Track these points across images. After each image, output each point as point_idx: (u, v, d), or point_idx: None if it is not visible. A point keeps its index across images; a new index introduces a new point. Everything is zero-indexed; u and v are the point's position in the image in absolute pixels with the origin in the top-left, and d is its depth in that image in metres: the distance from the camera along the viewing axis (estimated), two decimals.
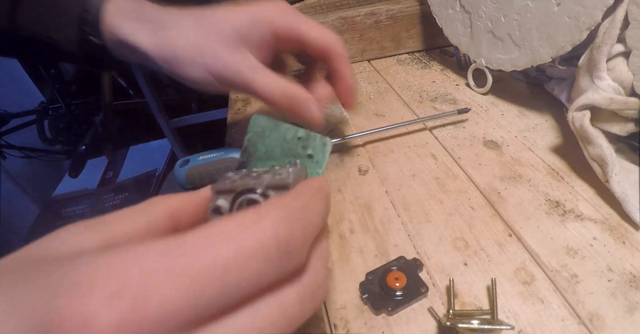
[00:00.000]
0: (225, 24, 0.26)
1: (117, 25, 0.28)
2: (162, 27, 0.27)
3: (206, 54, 0.26)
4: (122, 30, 0.27)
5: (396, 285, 0.25)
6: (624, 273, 0.24)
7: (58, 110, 1.48)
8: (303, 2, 0.55)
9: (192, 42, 0.26)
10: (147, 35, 0.27)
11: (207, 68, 0.27)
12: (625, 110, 0.28)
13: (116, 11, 0.28)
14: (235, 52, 0.26)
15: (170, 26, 0.27)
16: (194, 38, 0.26)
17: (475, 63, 0.44)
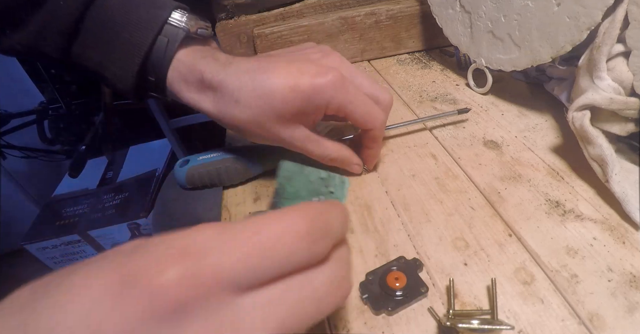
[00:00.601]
0: (281, 102, 0.27)
1: (179, 91, 0.30)
2: (222, 100, 0.28)
3: (264, 129, 0.29)
4: (184, 97, 0.30)
5: (396, 285, 0.25)
6: (624, 273, 0.24)
7: (58, 110, 1.47)
8: (303, 2, 0.55)
9: (252, 119, 0.28)
10: (209, 106, 0.29)
11: (266, 139, 0.30)
12: (625, 110, 0.28)
13: (178, 78, 0.30)
14: (290, 128, 0.29)
15: (229, 100, 0.28)
16: (253, 116, 0.28)
17: (475, 63, 0.44)
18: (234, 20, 0.54)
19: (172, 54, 0.29)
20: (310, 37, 0.53)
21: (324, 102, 0.28)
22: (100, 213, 1.25)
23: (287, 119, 0.28)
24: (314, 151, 0.31)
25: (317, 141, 0.31)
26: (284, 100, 0.27)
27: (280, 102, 0.27)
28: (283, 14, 0.55)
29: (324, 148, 0.31)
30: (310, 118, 0.29)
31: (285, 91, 0.27)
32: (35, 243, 1.24)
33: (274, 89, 0.27)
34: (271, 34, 0.52)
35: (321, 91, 0.27)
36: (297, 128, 0.29)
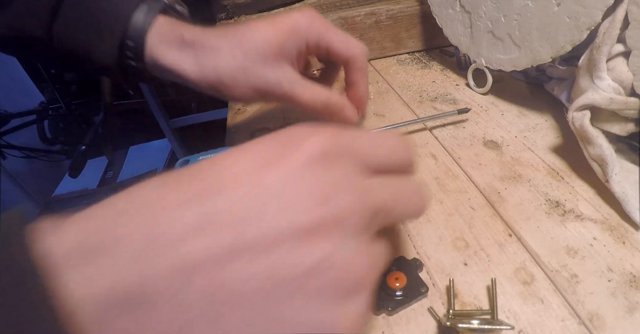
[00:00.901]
0: (263, 42, 0.27)
1: (159, 53, 0.29)
2: (203, 53, 0.28)
3: (249, 74, 0.28)
4: (165, 59, 0.29)
5: (396, 285, 0.25)
6: (624, 273, 0.24)
7: (58, 110, 1.48)
8: (303, 2, 0.55)
9: (234, 64, 0.28)
10: (190, 63, 0.28)
11: (252, 87, 0.28)
12: (625, 110, 0.28)
13: (158, 40, 0.29)
14: (276, 68, 0.28)
15: (211, 51, 0.28)
16: (234, 60, 0.28)
17: (475, 63, 0.44)
18: (234, 20, 0.54)
19: (152, 19, 0.29)
20: None
21: (303, 33, 0.28)
22: None
23: (272, 59, 0.28)
24: (303, 95, 0.29)
25: (306, 83, 0.29)
26: (265, 38, 0.27)
27: (262, 40, 0.27)
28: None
29: (313, 91, 0.29)
30: (294, 57, 0.29)
31: (266, 30, 0.28)
32: None
33: (253, 31, 0.28)
34: None
35: (298, 23, 0.28)
36: (283, 68, 0.29)
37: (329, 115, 0.31)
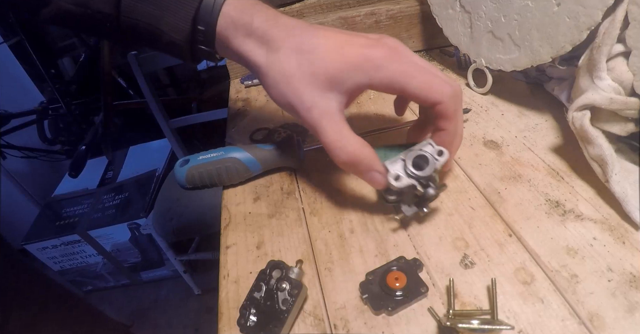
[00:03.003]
0: (321, 65, 0.26)
1: (228, 39, 0.29)
2: (267, 46, 0.27)
3: (290, 87, 0.26)
4: (232, 43, 0.28)
5: (396, 285, 0.25)
6: (624, 273, 0.24)
7: (58, 110, 1.48)
8: (303, 2, 0.55)
9: (285, 71, 0.27)
10: (255, 52, 0.28)
11: (286, 100, 0.27)
12: (625, 110, 0.28)
13: (227, 24, 0.28)
14: (317, 96, 0.26)
15: (273, 48, 0.27)
16: (287, 67, 0.27)
17: (475, 63, 0.44)
18: None
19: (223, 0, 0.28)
20: None
21: (372, 72, 0.25)
22: (100, 213, 1.25)
23: (320, 82, 0.26)
24: (327, 136, 0.26)
25: (338, 125, 0.26)
26: (325, 60, 0.25)
27: (322, 57, 0.26)
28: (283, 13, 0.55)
29: (342, 137, 0.26)
30: (345, 92, 0.26)
31: (332, 52, 0.26)
32: (36, 243, 1.24)
33: (316, 44, 0.26)
34: None
35: (370, 59, 0.25)
36: (324, 97, 0.26)
37: (353, 171, 0.28)
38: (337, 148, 0.26)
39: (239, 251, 0.31)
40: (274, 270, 0.26)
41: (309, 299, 0.26)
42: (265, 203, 0.35)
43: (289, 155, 0.36)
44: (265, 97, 0.52)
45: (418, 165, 0.26)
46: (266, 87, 0.29)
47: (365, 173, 0.27)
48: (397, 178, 0.26)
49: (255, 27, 0.28)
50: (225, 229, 0.33)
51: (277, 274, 0.26)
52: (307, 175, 0.37)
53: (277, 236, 0.31)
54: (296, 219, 0.32)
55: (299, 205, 0.34)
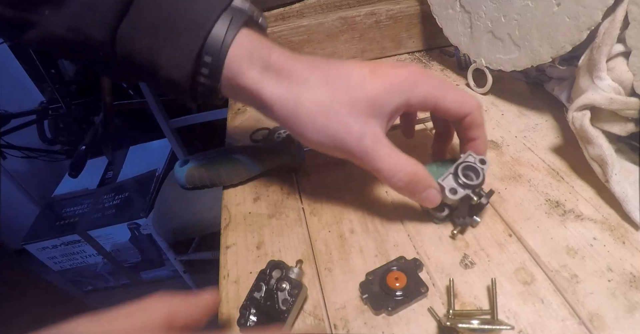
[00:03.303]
0: (359, 92, 0.24)
1: (240, 72, 0.25)
2: (289, 81, 0.25)
3: (332, 118, 0.25)
4: (245, 78, 0.25)
5: (396, 285, 0.25)
6: (624, 273, 0.24)
7: (58, 110, 1.48)
8: (303, 2, 0.55)
9: (320, 102, 0.25)
10: (273, 87, 0.25)
11: (329, 133, 0.25)
12: (625, 110, 0.28)
13: (241, 56, 0.25)
14: (363, 123, 0.25)
15: (297, 81, 0.25)
16: (321, 98, 0.25)
17: (475, 63, 0.44)
18: None
19: (236, 32, 0.25)
20: (310, 37, 0.53)
21: (408, 90, 0.25)
22: (100, 213, 1.25)
23: (363, 111, 0.25)
24: (384, 161, 0.25)
25: (390, 149, 0.26)
26: (361, 84, 0.24)
27: (357, 85, 0.24)
28: (283, 14, 0.55)
29: (399, 159, 0.26)
30: (389, 115, 0.26)
31: (365, 76, 0.25)
32: (35, 243, 1.24)
33: (350, 71, 0.25)
34: (271, 34, 0.52)
35: (404, 78, 0.25)
36: (370, 124, 0.25)
37: (410, 192, 0.27)
38: (397, 172, 0.26)
39: (239, 251, 0.31)
40: (274, 270, 0.26)
41: (309, 299, 0.26)
42: (265, 203, 0.35)
43: (289, 155, 0.36)
44: None
45: (467, 176, 0.27)
46: (296, 124, 0.26)
47: (422, 192, 0.26)
48: (453, 192, 0.27)
49: (273, 60, 0.25)
50: (225, 229, 0.33)
51: (277, 274, 0.26)
52: (307, 175, 0.37)
53: (277, 236, 0.31)
54: (296, 219, 0.32)
55: (299, 205, 0.34)
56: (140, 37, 0.25)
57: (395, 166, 0.26)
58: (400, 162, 0.26)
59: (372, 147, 0.25)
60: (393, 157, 0.26)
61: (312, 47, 0.54)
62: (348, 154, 0.26)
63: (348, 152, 0.26)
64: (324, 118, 0.25)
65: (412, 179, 0.26)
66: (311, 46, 0.54)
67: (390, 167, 0.26)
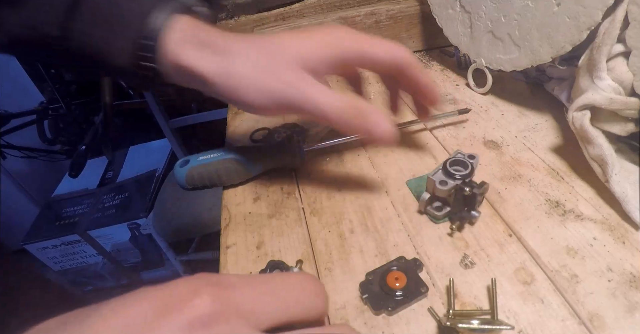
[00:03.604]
0: (290, 50, 0.26)
1: (177, 52, 0.27)
2: (223, 53, 0.27)
3: (266, 77, 0.26)
4: (183, 57, 0.27)
5: (396, 285, 0.25)
6: (624, 273, 0.24)
7: (58, 110, 1.47)
8: (303, 2, 0.55)
9: (252, 66, 0.26)
10: (209, 61, 0.27)
11: (264, 90, 0.26)
12: (625, 110, 0.28)
13: (177, 38, 0.27)
14: (297, 74, 0.26)
15: (232, 52, 0.27)
16: (254, 62, 0.26)
17: (475, 63, 0.44)
18: (234, 20, 0.54)
19: (169, 17, 0.27)
20: None
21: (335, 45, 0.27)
22: (100, 213, 1.25)
23: (295, 65, 0.26)
24: (320, 96, 0.26)
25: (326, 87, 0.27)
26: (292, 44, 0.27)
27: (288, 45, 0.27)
28: (283, 14, 0.55)
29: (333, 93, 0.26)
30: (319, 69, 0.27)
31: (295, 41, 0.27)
32: (35, 243, 1.24)
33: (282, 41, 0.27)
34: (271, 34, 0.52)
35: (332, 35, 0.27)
36: (304, 75, 0.27)
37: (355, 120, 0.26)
38: (335, 101, 0.26)
39: (239, 251, 0.31)
40: (274, 270, 0.26)
41: None
42: (265, 203, 0.35)
43: (289, 155, 0.36)
44: None
45: (456, 169, 0.29)
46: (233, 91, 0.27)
47: (368, 117, 0.26)
48: (443, 184, 0.28)
49: (209, 39, 0.27)
50: (225, 229, 0.33)
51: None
52: (307, 175, 0.37)
53: (277, 236, 0.31)
54: (296, 219, 0.32)
55: (299, 205, 0.34)
56: (90, 31, 0.28)
57: (333, 98, 0.26)
58: (337, 95, 0.26)
59: (307, 88, 0.26)
60: (330, 92, 0.26)
61: None
62: (288, 105, 0.27)
63: (287, 101, 0.27)
64: (258, 79, 0.26)
65: (352, 105, 0.26)
66: None
67: (328, 99, 0.26)
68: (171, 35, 0.27)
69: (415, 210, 0.31)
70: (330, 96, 0.26)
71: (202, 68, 0.27)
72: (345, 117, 0.26)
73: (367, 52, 0.28)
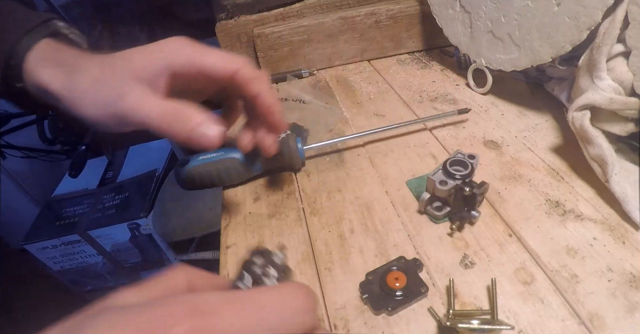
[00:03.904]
0: (128, 63, 0.27)
1: (35, 71, 0.29)
2: (71, 71, 0.28)
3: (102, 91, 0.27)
4: (39, 74, 0.29)
5: (396, 285, 0.25)
6: (624, 273, 0.24)
7: None
8: (303, 2, 0.55)
9: (91, 80, 0.27)
10: (58, 79, 0.28)
11: (100, 104, 0.27)
12: (625, 110, 0.28)
13: (37, 58, 0.29)
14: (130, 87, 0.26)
15: (79, 69, 0.28)
16: (95, 77, 0.27)
17: (475, 63, 0.44)
18: (234, 20, 0.54)
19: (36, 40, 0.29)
20: (310, 37, 0.53)
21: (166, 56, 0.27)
22: (100, 213, 1.25)
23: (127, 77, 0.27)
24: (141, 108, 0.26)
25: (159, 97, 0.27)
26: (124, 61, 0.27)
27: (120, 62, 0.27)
28: (283, 14, 0.55)
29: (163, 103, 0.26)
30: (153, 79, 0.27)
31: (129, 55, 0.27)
32: (35, 243, 1.24)
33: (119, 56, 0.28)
34: (271, 34, 0.52)
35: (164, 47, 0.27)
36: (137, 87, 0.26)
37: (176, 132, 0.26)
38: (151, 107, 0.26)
39: (239, 251, 0.31)
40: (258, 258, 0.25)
41: None
42: (265, 203, 0.35)
43: (289, 155, 0.36)
44: None
45: (456, 169, 0.29)
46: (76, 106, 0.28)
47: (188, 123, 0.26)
48: (443, 184, 0.28)
49: (65, 59, 0.28)
50: (225, 229, 0.33)
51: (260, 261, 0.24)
52: (307, 175, 0.37)
53: (277, 236, 0.31)
54: (296, 219, 0.32)
55: (299, 205, 0.34)
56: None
57: (152, 105, 0.26)
58: (158, 102, 0.26)
59: (134, 99, 0.26)
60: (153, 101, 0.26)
61: (312, 47, 0.54)
62: (120, 117, 0.27)
63: (118, 113, 0.27)
64: (96, 93, 0.27)
65: (171, 111, 0.26)
66: (311, 46, 0.54)
67: (148, 107, 0.26)
68: (33, 55, 0.29)
69: (415, 210, 0.31)
70: (151, 104, 0.26)
71: (52, 85, 0.28)
72: (164, 124, 0.26)
73: (201, 61, 0.27)
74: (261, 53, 0.53)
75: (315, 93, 0.50)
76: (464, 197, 0.28)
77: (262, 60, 0.54)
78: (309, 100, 0.48)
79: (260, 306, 0.14)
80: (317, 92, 0.50)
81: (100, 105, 0.27)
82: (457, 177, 0.28)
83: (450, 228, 0.28)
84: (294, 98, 0.49)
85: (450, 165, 0.29)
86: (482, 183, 0.28)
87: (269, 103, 0.29)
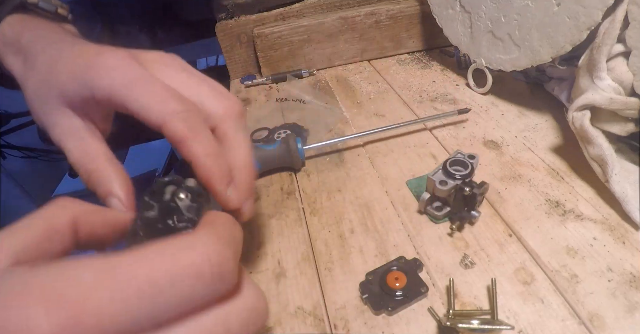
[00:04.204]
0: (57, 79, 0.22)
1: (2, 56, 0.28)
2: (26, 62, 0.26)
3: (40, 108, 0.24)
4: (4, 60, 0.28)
5: (396, 285, 0.25)
6: (624, 273, 0.24)
7: None
8: (303, 2, 0.55)
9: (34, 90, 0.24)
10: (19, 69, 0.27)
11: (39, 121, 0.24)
12: (625, 110, 0.28)
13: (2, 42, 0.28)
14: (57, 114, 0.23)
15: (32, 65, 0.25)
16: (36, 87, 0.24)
17: (475, 63, 0.44)
18: (234, 20, 0.54)
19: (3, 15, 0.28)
20: (310, 37, 0.53)
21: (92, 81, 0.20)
22: None
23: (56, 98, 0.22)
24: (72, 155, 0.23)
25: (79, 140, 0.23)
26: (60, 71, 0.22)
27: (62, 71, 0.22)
28: (283, 14, 0.55)
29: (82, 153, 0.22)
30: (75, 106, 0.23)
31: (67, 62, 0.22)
32: None
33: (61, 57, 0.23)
34: (271, 34, 0.52)
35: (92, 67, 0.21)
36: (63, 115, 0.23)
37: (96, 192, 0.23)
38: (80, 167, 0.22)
39: None
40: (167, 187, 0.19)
41: (309, 299, 0.26)
42: (265, 203, 0.35)
43: (289, 155, 0.36)
44: (266, 97, 0.52)
45: (456, 169, 0.29)
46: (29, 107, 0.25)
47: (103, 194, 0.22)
48: (443, 183, 0.28)
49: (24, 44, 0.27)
50: None
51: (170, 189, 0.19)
52: (307, 175, 0.37)
53: (277, 236, 0.31)
54: (296, 219, 0.32)
55: (299, 205, 0.34)
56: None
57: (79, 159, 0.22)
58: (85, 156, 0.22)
59: (60, 138, 0.23)
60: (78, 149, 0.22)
61: (312, 47, 0.54)
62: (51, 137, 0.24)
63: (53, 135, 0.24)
64: (36, 107, 0.24)
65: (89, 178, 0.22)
66: (311, 46, 0.54)
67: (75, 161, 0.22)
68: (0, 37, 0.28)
69: (415, 210, 0.31)
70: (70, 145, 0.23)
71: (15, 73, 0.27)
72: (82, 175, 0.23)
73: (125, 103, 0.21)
74: (261, 53, 0.53)
75: (315, 93, 0.50)
76: (464, 197, 0.28)
77: (262, 60, 0.54)
78: (309, 100, 0.48)
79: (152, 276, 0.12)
80: (317, 92, 0.50)
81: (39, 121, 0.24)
82: (457, 177, 0.28)
83: (450, 228, 0.28)
84: (294, 98, 0.49)
85: (450, 165, 0.29)
86: (482, 183, 0.28)
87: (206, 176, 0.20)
